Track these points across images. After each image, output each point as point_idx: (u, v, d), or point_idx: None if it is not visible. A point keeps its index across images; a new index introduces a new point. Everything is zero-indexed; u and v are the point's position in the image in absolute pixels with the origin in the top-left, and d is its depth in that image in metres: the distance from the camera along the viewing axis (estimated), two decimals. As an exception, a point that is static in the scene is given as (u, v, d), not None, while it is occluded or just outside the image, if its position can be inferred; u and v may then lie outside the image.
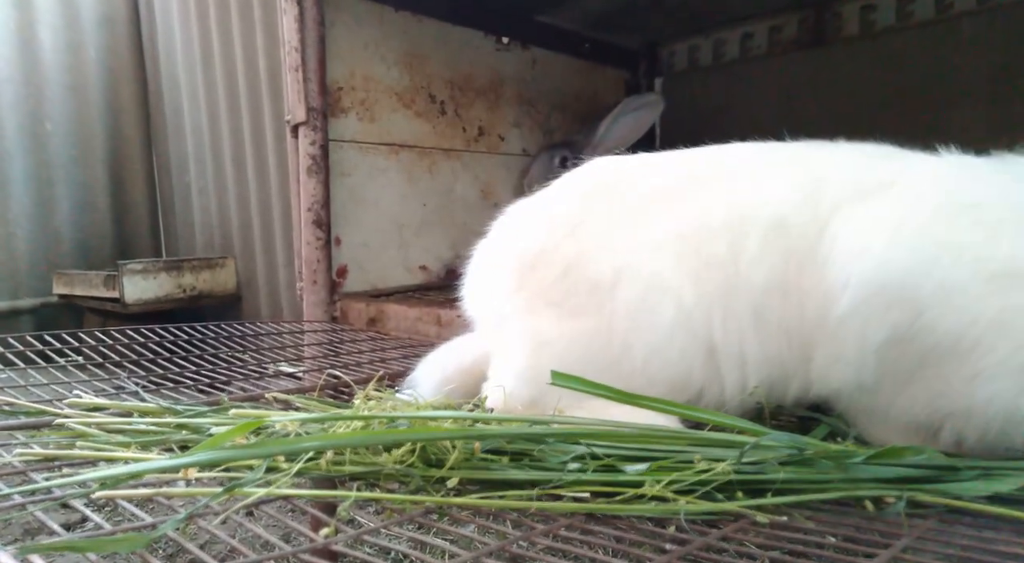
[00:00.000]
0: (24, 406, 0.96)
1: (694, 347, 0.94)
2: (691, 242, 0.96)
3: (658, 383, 0.94)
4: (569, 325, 0.97)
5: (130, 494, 0.63)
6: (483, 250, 1.14)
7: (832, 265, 0.90)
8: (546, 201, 1.11)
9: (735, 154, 1.09)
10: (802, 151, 1.06)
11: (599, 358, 0.96)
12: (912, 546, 0.66)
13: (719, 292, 0.94)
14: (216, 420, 0.79)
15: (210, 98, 4.36)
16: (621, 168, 1.11)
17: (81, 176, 4.74)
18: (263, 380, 1.34)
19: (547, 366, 0.94)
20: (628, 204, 1.03)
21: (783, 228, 0.94)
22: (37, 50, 4.51)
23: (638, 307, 0.94)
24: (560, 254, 1.00)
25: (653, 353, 0.94)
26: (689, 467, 0.74)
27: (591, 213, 1.03)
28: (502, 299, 1.05)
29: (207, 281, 4.16)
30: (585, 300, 0.97)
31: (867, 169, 0.97)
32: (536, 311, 1.00)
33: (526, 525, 0.70)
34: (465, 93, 2.68)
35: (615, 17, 2.91)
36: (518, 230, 1.10)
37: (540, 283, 1.00)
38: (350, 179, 2.33)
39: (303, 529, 0.68)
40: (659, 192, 1.03)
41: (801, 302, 0.93)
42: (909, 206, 0.89)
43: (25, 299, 4.44)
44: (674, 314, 0.94)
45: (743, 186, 1.00)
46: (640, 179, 1.07)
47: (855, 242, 0.89)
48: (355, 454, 0.68)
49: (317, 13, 2.13)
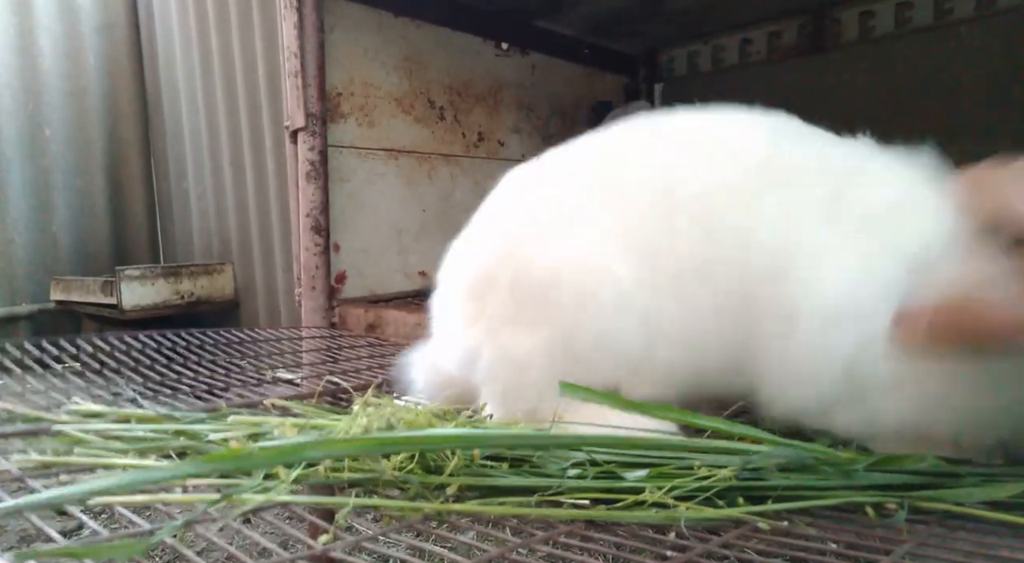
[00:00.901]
0: (22, 413, 0.96)
1: (633, 326, 0.95)
2: (618, 222, 0.98)
3: (614, 368, 0.96)
4: (531, 340, 0.97)
5: (128, 500, 0.63)
6: (441, 289, 1.14)
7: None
8: (476, 228, 1.13)
9: (636, 132, 1.10)
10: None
11: (566, 361, 0.95)
12: (913, 552, 0.66)
13: (651, 270, 0.95)
14: (214, 427, 0.78)
15: (209, 104, 4.36)
16: (530, 174, 1.12)
17: (79, 182, 4.74)
18: (261, 387, 1.34)
19: (532, 385, 0.96)
20: (549, 205, 1.03)
21: (706, 206, 0.96)
22: (36, 56, 4.52)
23: (579, 300, 0.95)
24: (504, 269, 1.00)
25: (602, 338, 0.95)
26: (689, 473, 0.74)
27: (521, 222, 1.04)
28: (468, 333, 1.04)
29: (205, 287, 4.15)
30: (534, 308, 0.97)
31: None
32: (500, 335, 1.00)
33: (526, 532, 0.69)
34: (464, 98, 2.68)
35: (615, 23, 2.92)
36: (466, 256, 1.11)
37: (495, 304, 1.00)
38: (349, 184, 2.33)
39: (301, 536, 0.68)
40: (575, 187, 1.04)
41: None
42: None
43: (22, 305, 4.44)
44: (613, 296, 0.94)
45: (659, 162, 1.02)
46: (551, 180, 1.08)
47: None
48: (353, 461, 0.68)
49: (316, 19, 2.14)
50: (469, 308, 1.05)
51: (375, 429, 0.70)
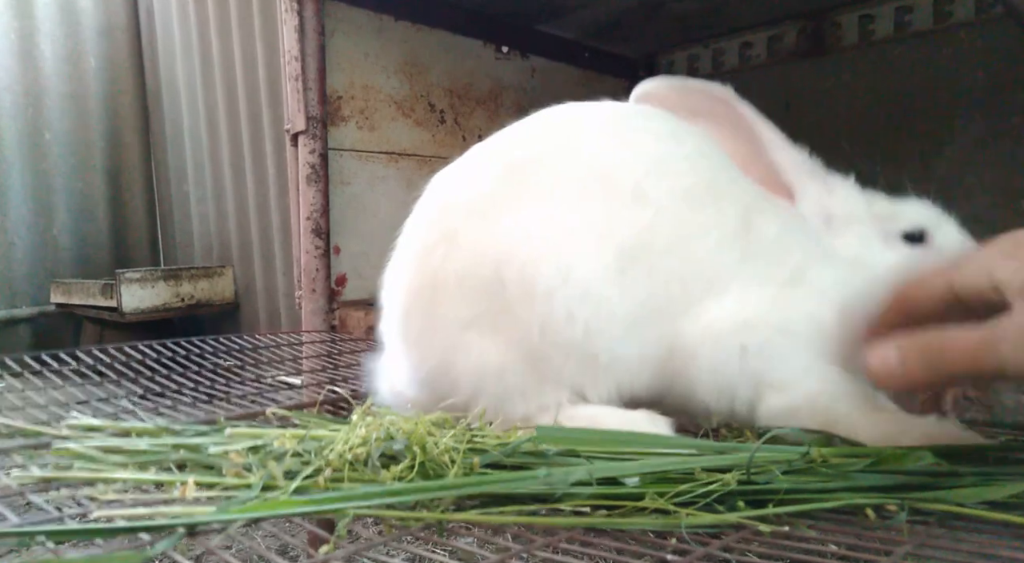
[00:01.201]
0: (21, 427, 0.96)
1: (585, 300, 0.91)
2: (570, 200, 0.94)
3: (576, 366, 0.93)
4: (497, 340, 0.91)
5: (129, 513, 0.63)
6: (385, 306, 1.06)
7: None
8: (407, 233, 1.06)
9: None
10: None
11: (535, 357, 0.91)
12: (913, 553, 0.66)
13: (605, 243, 0.92)
14: (214, 439, 0.79)
15: (209, 107, 4.37)
16: (460, 170, 1.06)
17: (80, 185, 4.75)
18: (261, 395, 1.34)
19: (518, 387, 0.91)
20: (483, 196, 0.98)
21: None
22: (37, 59, 4.53)
23: (522, 286, 0.90)
24: (446, 274, 0.94)
25: (549, 322, 0.90)
26: (689, 478, 0.74)
27: (451, 224, 0.97)
28: (425, 347, 0.97)
29: (205, 290, 4.16)
30: (486, 305, 0.91)
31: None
32: (463, 344, 0.93)
33: (526, 538, 0.69)
34: (465, 102, 2.68)
35: (614, 26, 2.92)
36: (397, 275, 1.03)
37: (446, 313, 0.93)
38: (349, 188, 2.33)
39: (301, 544, 0.68)
40: (511, 170, 0.99)
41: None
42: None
43: (22, 308, 4.45)
44: (552, 274, 0.90)
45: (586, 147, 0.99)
46: (483, 170, 1.03)
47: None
48: (353, 470, 0.68)
49: (317, 23, 2.14)
50: (417, 324, 0.97)
51: (373, 439, 0.70)
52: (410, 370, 1.01)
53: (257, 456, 0.72)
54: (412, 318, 0.98)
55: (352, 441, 0.70)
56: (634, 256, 0.93)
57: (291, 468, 0.69)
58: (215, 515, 0.61)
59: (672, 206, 0.96)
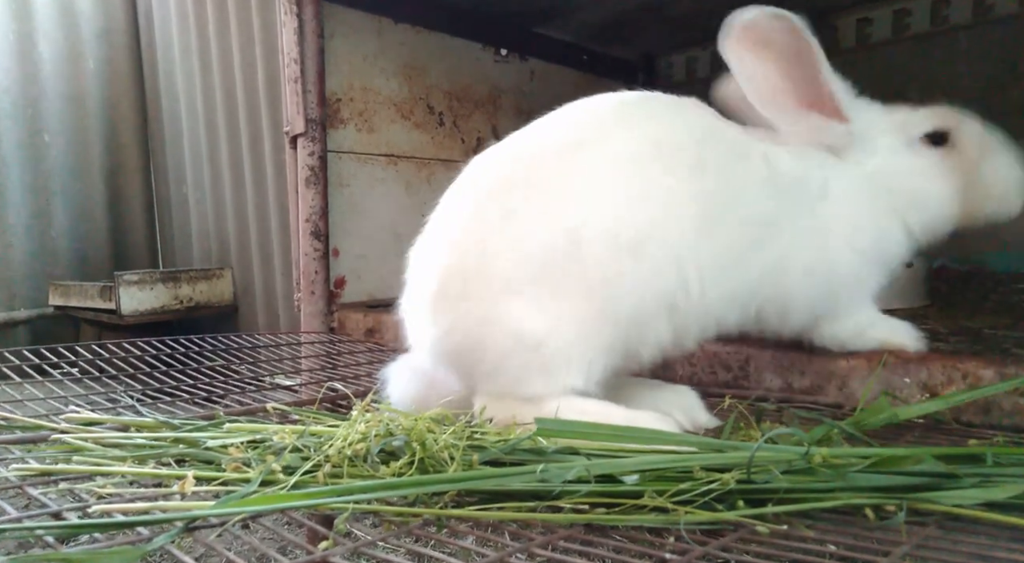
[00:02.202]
0: (20, 421, 0.96)
1: (670, 257, 1.00)
2: (628, 172, 1.02)
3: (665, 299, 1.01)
4: (549, 310, 0.95)
5: (127, 508, 0.63)
6: (412, 282, 1.10)
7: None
8: (445, 213, 1.10)
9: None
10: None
11: (604, 316, 0.96)
12: (911, 554, 0.66)
13: (676, 210, 1.02)
14: (213, 434, 0.78)
15: (208, 109, 4.37)
16: (501, 155, 1.10)
17: (78, 187, 4.74)
18: (260, 393, 1.34)
19: (549, 359, 0.94)
20: (539, 175, 1.02)
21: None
22: (36, 61, 4.53)
23: (604, 249, 0.96)
24: (500, 247, 0.98)
25: (638, 279, 0.98)
26: (688, 476, 0.74)
27: (507, 202, 1.01)
28: (455, 317, 1.00)
29: (204, 292, 4.15)
30: (551, 274, 0.95)
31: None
32: (506, 312, 0.95)
33: (525, 537, 0.69)
34: (464, 104, 2.69)
35: (613, 29, 2.93)
36: (432, 252, 1.08)
37: (491, 283, 0.96)
38: (348, 190, 2.33)
39: (300, 542, 0.68)
40: (563, 150, 1.05)
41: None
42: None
43: (21, 310, 4.43)
44: (633, 235, 0.98)
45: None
46: (530, 153, 1.07)
47: None
48: (353, 467, 0.68)
49: (317, 25, 2.14)
50: (450, 295, 1.00)
51: (373, 435, 0.70)
52: (437, 339, 1.03)
53: (256, 451, 0.72)
54: (452, 284, 1.01)
55: (351, 437, 0.70)
56: (706, 215, 1.04)
57: (290, 463, 0.69)
58: (214, 509, 0.61)
59: (722, 167, 1.08)
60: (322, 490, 0.64)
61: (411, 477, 0.68)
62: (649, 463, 0.77)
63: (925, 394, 1.10)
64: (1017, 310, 1.70)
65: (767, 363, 1.27)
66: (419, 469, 0.71)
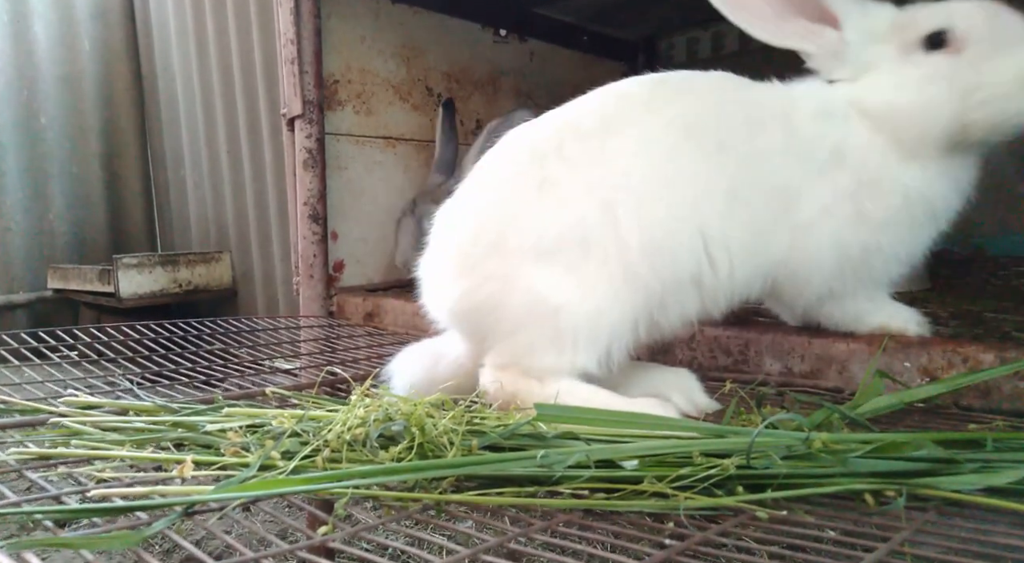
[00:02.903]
0: (19, 404, 0.95)
1: (699, 234, 1.02)
2: (660, 151, 1.04)
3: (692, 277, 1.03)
4: (571, 278, 0.96)
5: (126, 492, 0.62)
6: (437, 243, 1.11)
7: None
8: (479, 180, 1.11)
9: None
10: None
11: (628, 289, 0.97)
12: (911, 539, 0.66)
13: (706, 186, 1.04)
14: (212, 418, 0.78)
15: (205, 91, 4.33)
16: (533, 132, 1.12)
17: (76, 170, 4.72)
18: (259, 376, 1.34)
19: (564, 328, 0.95)
20: (571, 152, 1.04)
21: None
22: (31, 43, 4.49)
23: (638, 222, 0.98)
24: (528, 215, 1.00)
25: (668, 254, 1.00)
26: (688, 462, 0.74)
27: (539, 174, 1.03)
28: (477, 279, 1.01)
29: (202, 275, 4.14)
30: (581, 244, 0.97)
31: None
32: (528, 277, 0.97)
33: (524, 521, 0.69)
34: (463, 86, 2.66)
35: (614, 9, 2.90)
36: (461, 216, 1.08)
37: (517, 249, 0.98)
38: (347, 172, 2.32)
39: (300, 526, 0.68)
40: (591, 131, 1.06)
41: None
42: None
43: (19, 293, 4.43)
44: (666, 211, 1.00)
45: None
46: (561, 130, 1.09)
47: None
48: (352, 452, 0.68)
49: (313, 5, 2.12)
50: (474, 258, 1.01)
51: (372, 420, 0.70)
52: (459, 296, 1.04)
53: (255, 436, 0.71)
54: (480, 243, 1.02)
55: (351, 422, 0.69)
56: (731, 193, 1.04)
57: (289, 448, 0.69)
58: (213, 494, 0.61)
59: (740, 142, 1.07)
60: (321, 475, 0.64)
61: (410, 462, 0.68)
62: (649, 448, 0.76)
63: (925, 378, 1.10)
64: (1018, 294, 1.70)
65: (767, 347, 1.27)
66: (418, 454, 0.70)
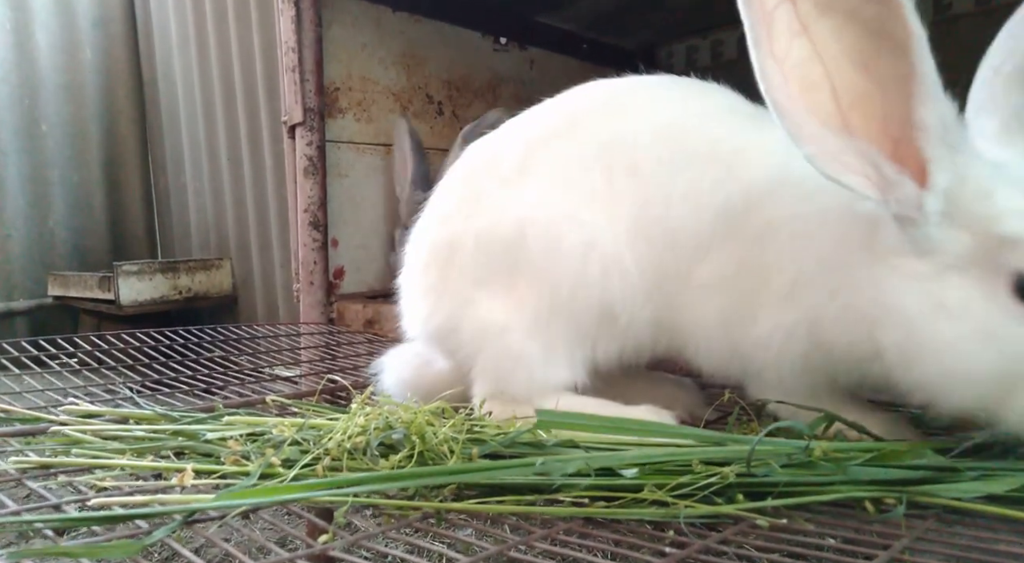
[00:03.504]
0: (19, 413, 0.95)
1: (607, 264, 0.95)
2: (576, 171, 0.99)
3: (603, 309, 0.96)
4: (508, 301, 0.97)
5: (126, 500, 0.62)
6: (407, 261, 1.14)
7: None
8: (436, 195, 1.12)
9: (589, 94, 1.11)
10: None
11: (551, 314, 0.95)
12: (911, 547, 0.66)
13: (615, 213, 0.96)
14: (212, 427, 0.78)
15: (206, 99, 4.35)
16: (488, 141, 1.12)
17: (76, 177, 4.73)
18: (259, 384, 1.34)
19: (517, 351, 0.96)
20: (507, 165, 1.03)
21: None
22: (33, 51, 4.50)
23: (547, 245, 0.95)
24: (466, 234, 1.00)
25: (577, 282, 0.95)
26: (688, 470, 0.74)
27: (477, 188, 1.04)
28: (436, 300, 1.03)
29: (203, 282, 4.14)
30: (505, 265, 0.97)
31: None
32: (473, 301, 0.99)
33: (524, 529, 0.69)
34: (463, 93, 2.67)
35: (613, 17, 2.91)
36: (422, 232, 1.10)
37: (461, 270, 1.00)
38: (347, 180, 2.32)
39: (300, 534, 0.68)
40: (531, 143, 1.04)
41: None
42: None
43: (20, 300, 4.43)
44: (578, 237, 0.95)
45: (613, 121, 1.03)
46: (507, 142, 1.08)
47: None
48: (352, 460, 0.68)
49: (314, 14, 2.13)
50: (435, 276, 1.03)
51: (373, 428, 0.70)
52: (421, 323, 1.07)
53: (256, 444, 0.71)
54: (430, 271, 1.04)
55: (351, 430, 0.69)
56: (639, 225, 0.96)
57: (290, 456, 0.69)
58: (213, 502, 0.61)
59: (666, 172, 0.97)
60: (321, 482, 0.64)
61: (410, 469, 0.68)
62: (648, 456, 0.76)
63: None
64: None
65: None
66: (418, 462, 0.70)
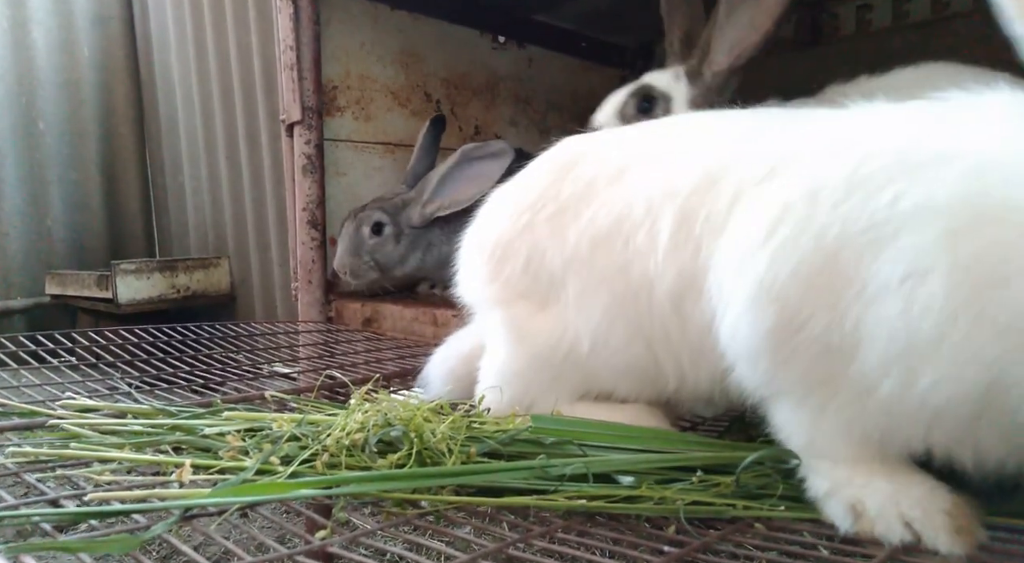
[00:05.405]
0: (17, 407, 0.95)
1: (633, 334, 0.92)
2: (622, 229, 0.95)
3: (622, 373, 0.95)
4: (541, 317, 0.99)
5: (124, 495, 0.62)
6: (468, 237, 1.15)
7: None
8: (515, 185, 1.11)
9: (693, 126, 1.06)
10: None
11: (568, 351, 0.96)
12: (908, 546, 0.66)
13: (642, 282, 0.91)
14: (210, 422, 0.78)
15: (204, 97, 4.34)
16: (582, 146, 1.09)
17: (74, 175, 4.72)
18: (257, 381, 1.33)
19: (530, 360, 0.98)
20: (576, 190, 1.01)
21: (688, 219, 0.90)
22: (30, 49, 4.49)
23: (581, 300, 0.96)
24: (522, 245, 1.01)
25: (600, 342, 0.94)
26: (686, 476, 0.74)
27: (549, 200, 1.02)
28: (481, 288, 1.07)
29: (201, 281, 4.14)
30: (546, 292, 0.99)
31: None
32: (512, 302, 1.02)
33: (523, 527, 0.69)
34: (461, 92, 2.67)
35: (611, 15, 2.91)
36: (488, 219, 1.11)
37: (510, 275, 1.02)
38: (346, 178, 2.32)
39: (298, 531, 0.68)
40: (600, 176, 1.01)
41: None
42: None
43: (17, 299, 4.42)
44: (608, 302, 0.93)
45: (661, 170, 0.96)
46: (590, 163, 1.05)
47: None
48: (351, 457, 0.68)
49: (312, 12, 2.12)
50: (486, 269, 1.06)
51: (371, 425, 0.70)
52: (483, 301, 1.09)
53: (254, 439, 0.71)
54: (482, 267, 1.07)
55: (349, 427, 0.69)
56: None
57: (288, 452, 0.69)
58: (211, 497, 0.61)
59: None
60: (320, 480, 0.64)
61: (408, 470, 0.67)
62: (646, 462, 0.76)
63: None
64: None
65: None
66: (417, 461, 0.70)
